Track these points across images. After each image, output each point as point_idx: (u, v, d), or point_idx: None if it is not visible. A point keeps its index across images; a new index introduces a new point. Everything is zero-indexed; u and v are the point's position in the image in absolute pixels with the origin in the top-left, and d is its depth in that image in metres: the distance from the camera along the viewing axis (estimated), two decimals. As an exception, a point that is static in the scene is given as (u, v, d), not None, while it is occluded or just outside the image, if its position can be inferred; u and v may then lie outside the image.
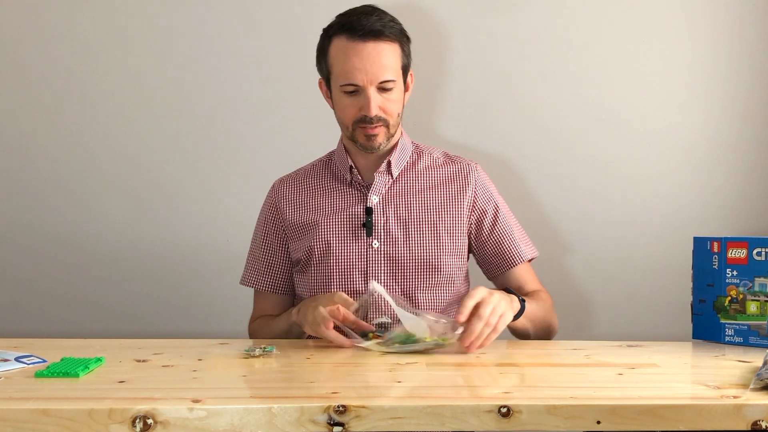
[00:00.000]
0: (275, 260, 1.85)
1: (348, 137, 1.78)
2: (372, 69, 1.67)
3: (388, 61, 1.69)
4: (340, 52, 1.70)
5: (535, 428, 1.12)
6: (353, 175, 1.81)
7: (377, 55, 1.68)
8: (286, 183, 1.87)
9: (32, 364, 1.37)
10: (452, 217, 1.80)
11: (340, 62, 1.69)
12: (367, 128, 1.72)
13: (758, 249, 1.58)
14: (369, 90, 1.68)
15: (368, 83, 1.68)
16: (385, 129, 1.73)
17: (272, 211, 1.86)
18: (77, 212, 2.37)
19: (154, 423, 1.09)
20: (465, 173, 1.84)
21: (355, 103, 1.71)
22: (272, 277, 1.85)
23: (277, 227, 1.85)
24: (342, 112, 1.75)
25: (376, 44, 1.68)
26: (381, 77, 1.68)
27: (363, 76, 1.67)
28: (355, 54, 1.67)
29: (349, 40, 1.68)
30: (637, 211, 2.38)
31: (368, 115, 1.70)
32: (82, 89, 2.36)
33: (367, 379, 1.34)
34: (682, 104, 2.37)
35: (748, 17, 2.35)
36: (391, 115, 1.73)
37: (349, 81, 1.69)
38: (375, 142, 1.74)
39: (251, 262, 1.88)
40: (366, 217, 1.77)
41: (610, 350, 1.57)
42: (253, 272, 1.87)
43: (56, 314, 2.37)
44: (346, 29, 1.69)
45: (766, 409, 1.12)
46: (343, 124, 1.76)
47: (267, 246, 1.86)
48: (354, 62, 1.67)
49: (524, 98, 2.37)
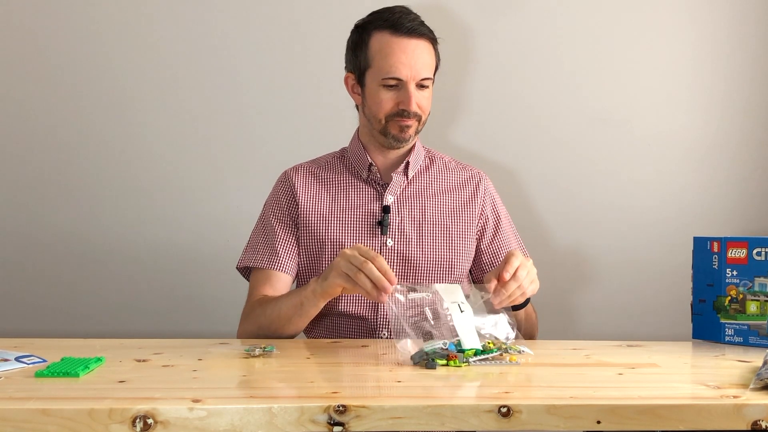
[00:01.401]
0: (286, 240, 1.80)
1: (378, 131, 1.78)
2: (416, 65, 1.72)
3: (429, 60, 1.75)
4: (384, 47, 1.73)
5: (535, 428, 1.12)
6: (372, 172, 1.82)
7: (421, 53, 1.73)
8: (300, 172, 1.87)
9: (32, 364, 1.37)
10: (463, 221, 1.84)
11: (384, 56, 1.73)
12: (403, 120, 1.75)
13: (758, 249, 1.58)
14: (410, 85, 1.73)
15: (411, 79, 1.72)
16: (417, 124, 1.78)
17: (286, 195, 1.83)
18: (77, 212, 2.37)
19: (154, 423, 1.09)
20: (476, 181, 1.89)
21: (393, 97, 1.74)
22: (284, 256, 1.79)
23: (291, 211, 1.82)
24: (377, 106, 1.76)
25: (419, 42, 1.73)
26: (422, 74, 1.73)
27: (407, 71, 1.72)
28: (400, 49, 1.71)
29: (394, 35, 1.72)
30: (637, 211, 2.38)
31: (408, 110, 1.73)
32: (82, 88, 2.36)
33: (367, 379, 1.34)
34: (682, 104, 2.37)
35: (748, 17, 2.35)
36: (424, 112, 1.78)
37: (393, 75, 1.72)
38: (407, 134, 1.77)
39: (258, 242, 1.82)
40: (382, 216, 1.78)
41: (610, 350, 1.57)
42: (264, 252, 1.80)
43: (56, 314, 2.37)
44: (390, 25, 1.73)
45: (766, 409, 1.12)
46: (376, 117, 1.77)
47: (279, 225, 1.81)
48: (399, 57, 1.71)
49: (524, 99, 2.37)
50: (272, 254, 1.80)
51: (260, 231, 1.85)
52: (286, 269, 1.79)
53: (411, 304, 1.49)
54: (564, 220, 2.38)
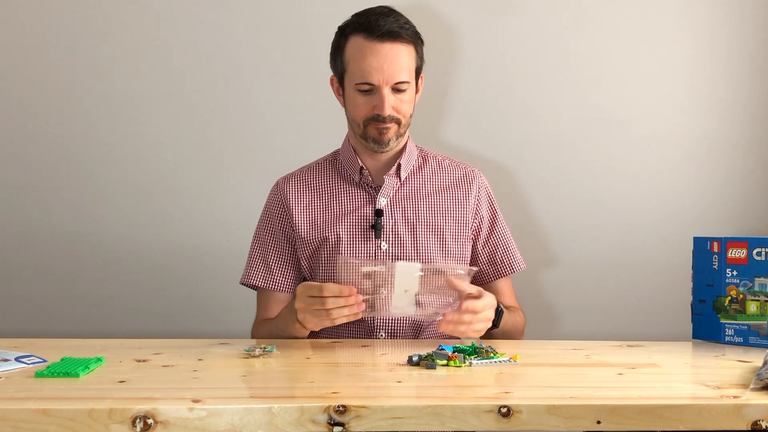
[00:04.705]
0: (279, 256, 1.83)
1: (359, 135, 1.78)
2: (388, 70, 1.70)
3: (404, 63, 1.72)
4: (357, 51, 1.72)
5: (535, 428, 1.12)
6: (363, 176, 1.82)
7: (394, 56, 1.70)
8: (291, 181, 1.87)
9: (32, 364, 1.37)
10: (458, 222, 1.83)
11: (357, 61, 1.71)
12: (380, 124, 1.74)
13: (758, 249, 1.58)
14: (384, 90, 1.71)
15: (383, 83, 1.70)
16: (397, 127, 1.75)
17: (278, 208, 1.85)
18: (77, 212, 2.37)
19: (154, 423, 1.09)
20: (470, 179, 1.87)
21: (369, 101, 1.73)
22: (279, 274, 1.82)
23: (284, 224, 1.83)
24: (355, 110, 1.76)
25: (393, 45, 1.70)
26: (396, 78, 1.71)
27: (379, 75, 1.69)
28: (372, 54, 1.70)
29: (367, 40, 1.70)
30: (637, 212, 2.38)
31: (382, 115, 1.72)
32: (82, 88, 2.36)
33: (367, 379, 1.34)
34: (682, 104, 2.37)
35: (748, 17, 2.35)
36: (403, 115, 1.75)
37: (365, 80, 1.71)
38: (386, 137, 1.75)
39: (256, 259, 1.85)
40: (375, 219, 1.78)
41: (610, 350, 1.57)
42: (259, 270, 1.84)
43: (56, 314, 2.37)
44: (364, 29, 1.71)
45: (766, 409, 1.12)
46: (355, 121, 1.77)
47: (275, 243, 1.83)
48: (371, 62, 1.69)
49: (522, 99, 2.37)
50: (267, 272, 1.83)
51: (256, 246, 1.86)
52: (282, 287, 1.82)
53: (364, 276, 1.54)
54: (563, 220, 2.38)
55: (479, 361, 1.41)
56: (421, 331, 1.79)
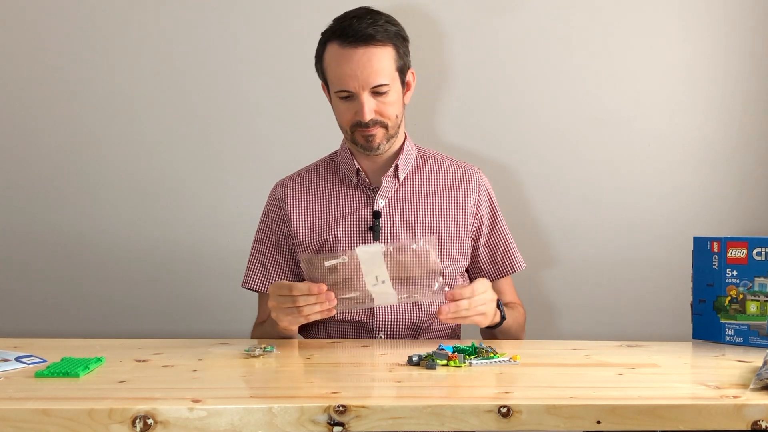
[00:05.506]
0: (277, 261, 1.84)
1: (349, 140, 1.78)
2: (363, 75, 1.67)
3: (380, 66, 1.68)
4: (332, 59, 1.71)
5: (535, 428, 1.12)
6: (360, 177, 1.81)
7: (368, 61, 1.67)
8: (289, 184, 1.86)
9: (32, 364, 1.37)
10: (456, 222, 1.82)
11: (333, 69, 1.70)
12: (365, 130, 1.72)
13: (758, 249, 1.58)
14: (362, 95, 1.69)
15: (360, 89, 1.68)
16: (384, 130, 1.74)
17: (276, 212, 1.85)
18: (77, 212, 2.37)
19: (154, 423, 1.09)
20: (469, 179, 1.86)
21: (350, 108, 1.72)
22: (278, 279, 1.83)
23: (282, 229, 1.84)
24: (340, 117, 1.76)
25: (366, 49, 1.67)
26: (373, 82, 1.68)
27: (354, 82, 1.68)
28: (345, 61, 1.68)
29: (340, 47, 1.69)
30: (637, 211, 2.38)
31: (363, 120, 1.70)
32: (82, 88, 2.36)
33: (367, 379, 1.34)
34: (681, 104, 2.37)
35: (747, 17, 2.35)
36: (388, 117, 1.73)
37: (342, 87, 1.69)
38: (374, 143, 1.74)
39: (254, 264, 1.86)
40: (373, 221, 1.77)
41: (610, 350, 1.57)
42: (257, 274, 1.85)
43: (56, 314, 2.37)
44: (338, 35, 1.69)
45: (766, 409, 1.12)
46: (342, 128, 1.77)
47: (272, 248, 1.84)
48: (345, 69, 1.68)
49: (522, 98, 2.37)
50: (265, 276, 1.84)
51: (255, 251, 1.87)
52: None
53: (330, 270, 1.54)
54: (564, 219, 2.38)
55: (479, 361, 1.41)
56: (420, 332, 1.79)
